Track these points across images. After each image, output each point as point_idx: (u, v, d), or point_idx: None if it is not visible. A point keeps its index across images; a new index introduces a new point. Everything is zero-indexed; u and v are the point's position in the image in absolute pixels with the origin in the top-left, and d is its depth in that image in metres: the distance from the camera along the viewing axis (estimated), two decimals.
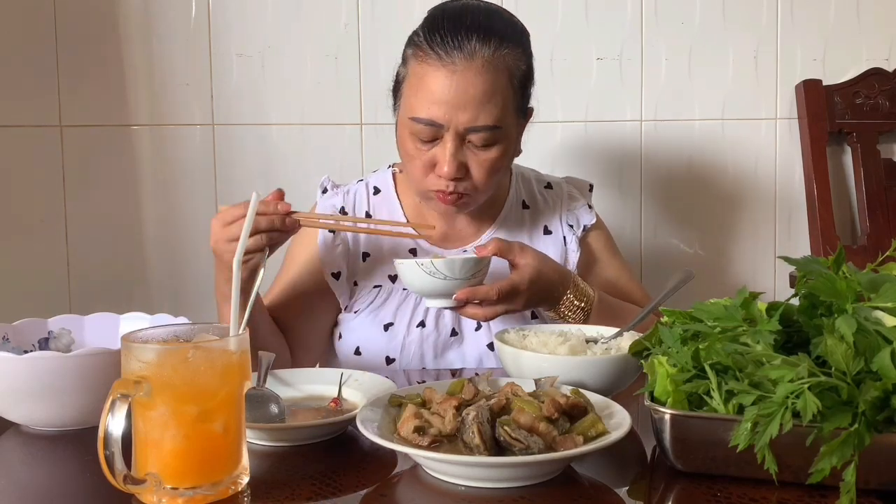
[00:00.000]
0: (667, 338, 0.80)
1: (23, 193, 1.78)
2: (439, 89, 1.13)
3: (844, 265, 0.78)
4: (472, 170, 1.18)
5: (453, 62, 1.13)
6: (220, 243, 1.09)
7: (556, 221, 1.36)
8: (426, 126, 1.15)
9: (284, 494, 0.72)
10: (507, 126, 1.18)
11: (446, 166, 1.15)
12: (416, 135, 1.16)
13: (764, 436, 0.66)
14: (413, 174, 1.21)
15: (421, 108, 1.14)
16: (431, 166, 1.18)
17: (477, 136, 1.15)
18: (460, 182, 1.18)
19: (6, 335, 1.01)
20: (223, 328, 0.75)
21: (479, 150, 1.17)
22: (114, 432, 0.65)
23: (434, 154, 1.17)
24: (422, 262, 1.07)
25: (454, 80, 1.12)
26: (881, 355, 0.67)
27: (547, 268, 1.15)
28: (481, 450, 0.72)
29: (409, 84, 1.18)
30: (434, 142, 1.16)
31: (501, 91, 1.15)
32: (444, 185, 1.18)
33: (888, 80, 1.78)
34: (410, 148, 1.18)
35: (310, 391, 0.97)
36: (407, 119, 1.17)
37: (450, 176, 1.16)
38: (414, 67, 1.17)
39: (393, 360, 1.26)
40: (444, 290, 1.09)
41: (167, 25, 1.76)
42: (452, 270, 1.07)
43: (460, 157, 1.16)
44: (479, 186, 1.19)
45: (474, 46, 1.13)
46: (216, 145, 1.80)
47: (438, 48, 1.13)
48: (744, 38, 1.81)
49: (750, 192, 1.85)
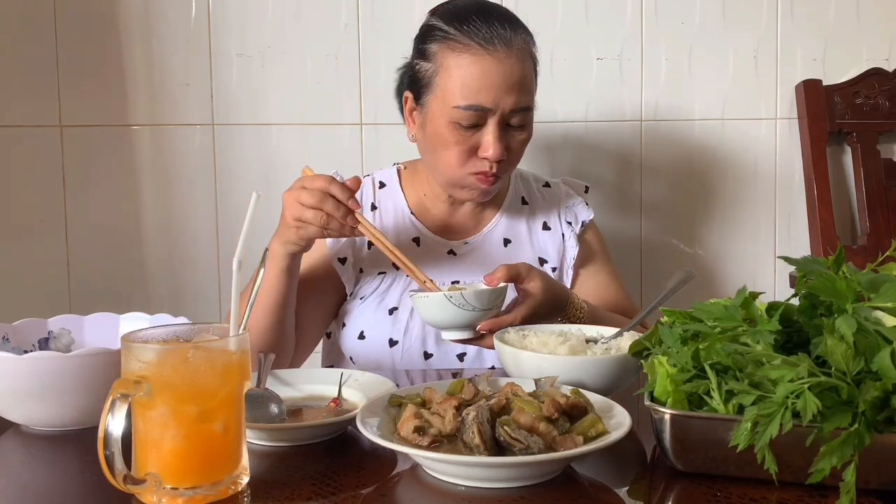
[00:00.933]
0: (667, 338, 0.80)
1: (23, 193, 1.78)
2: (486, 75, 1.19)
3: (844, 265, 0.78)
4: (511, 150, 1.25)
5: (496, 49, 1.20)
6: (290, 199, 1.14)
7: (555, 218, 1.40)
8: (473, 112, 1.20)
9: (284, 494, 0.72)
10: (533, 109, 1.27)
11: (492, 149, 1.21)
12: (458, 122, 1.21)
13: (764, 436, 0.66)
14: (448, 163, 1.25)
15: (467, 96, 1.20)
16: (473, 151, 1.23)
17: (517, 118, 1.23)
18: (501, 164, 1.24)
19: (6, 335, 1.01)
20: (223, 328, 0.75)
21: (515, 132, 1.24)
22: (114, 432, 0.65)
23: (477, 139, 1.22)
24: (450, 294, 1.08)
25: (500, 67, 1.19)
26: (881, 355, 0.67)
27: (551, 284, 1.19)
28: (481, 450, 0.72)
29: (446, 76, 1.22)
30: (476, 128, 1.21)
31: (531, 75, 1.25)
32: (487, 167, 1.23)
33: (888, 80, 1.78)
34: (449, 137, 1.22)
35: (310, 391, 0.97)
36: (449, 108, 1.21)
37: (497, 157, 1.21)
38: (449, 59, 1.21)
39: (396, 343, 1.27)
40: (468, 322, 1.10)
41: (167, 25, 1.76)
42: (481, 301, 1.09)
43: (504, 140, 1.22)
44: (513, 166, 1.30)
45: (509, 35, 1.21)
46: (216, 145, 1.80)
47: (478, 38, 1.20)
48: (744, 38, 1.81)
49: (750, 192, 1.85)
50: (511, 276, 1.14)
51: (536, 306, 1.14)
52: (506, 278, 1.13)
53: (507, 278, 1.14)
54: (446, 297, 1.08)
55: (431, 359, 1.28)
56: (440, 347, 1.28)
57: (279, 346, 1.21)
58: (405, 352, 1.27)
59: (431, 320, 1.13)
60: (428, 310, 1.11)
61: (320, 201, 1.10)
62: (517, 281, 1.15)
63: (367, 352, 1.28)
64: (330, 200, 1.11)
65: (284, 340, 1.24)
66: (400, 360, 1.27)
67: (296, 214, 1.12)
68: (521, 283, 1.15)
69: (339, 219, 1.11)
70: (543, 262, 1.36)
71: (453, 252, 1.35)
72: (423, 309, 1.12)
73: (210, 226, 1.81)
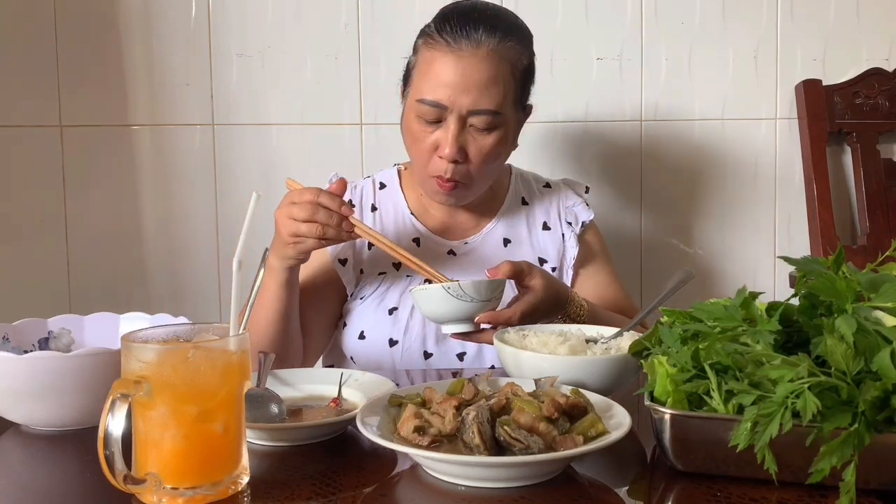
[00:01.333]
0: (667, 338, 0.80)
1: (23, 193, 1.78)
2: (445, 73, 1.20)
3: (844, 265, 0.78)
4: (471, 154, 1.22)
5: (460, 48, 1.20)
6: (282, 216, 1.13)
7: (555, 218, 1.40)
8: (431, 108, 1.20)
9: (284, 494, 0.72)
10: (506, 114, 1.23)
11: (448, 147, 1.20)
12: (421, 116, 1.22)
13: (764, 436, 0.66)
14: (417, 159, 1.26)
15: (427, 91, 1.21)
16: (434, 149, 1.23)
17: (478, 120, 1.21)
18: (459, 166, 1.22)
19: (6, 335, 1.01)
20: (223, 328, 0.75)
21: (478, 136, 1.22)
22: (114, 432, 0.65)
23: (437, 137, 1.22)
24: (447, 286, 1.09)
25: (459, 65, 1.19)
26: (881, 355, 0.67)
27: (552, 283, 1.18)
28: (481, 450, 0.72)
29: (418, 70, 1.24)
30: (437, 124, 1.22)
31: (503, 79, 1.21)
32: (443, 168, 1.22)
33: (888, 80, 1.78)
34: (416, 130, 1.23)
35: (310, 391, 0.97)
36: (414, 102, 1.23)
37: (451, 157, 1.21)
38: (423, 54, 1.24)
39: (396, 343, 1.27)
40: (467, 313, 1.10)
41: (167, 25, 1.76)
42: (479, 292, 1.09)
43: (461, 141, 1.21)
44: (475, 173, 1.25)
45: (480, 36, 1.20)
46: (216, 145, 1.80)
47: (447, 36, 1.20)
48: (743, 38, 1.80)
49: (750, 192, 1.85)
50: (514, 271, 1.14)
51: (536, 303, 1.14)
52: (508, 273, 1.13)
53: (510, 273, 1.14)
54: (444, 288, 1.08)
55: (431, 358, 1.28)
56: (440, 347, 1.28)
57: (286, 355, 1.22)
58: (405, 351, 1.27)
59: (431, 314, 1.13)
60: (427, 303, 1.12)
61: (312, 213, 1.10)
62: (519, 277, 1.15)
63: (367, 352, 1.28)
64: (322, 211, 1.10)
65: (291, 349, 1.24)
66: (400, 359, 1.27)
67: (291, 230, 1.12)
68: (522, 279, 1.15)
69: (334, 227, 1.11)
70: (543, 262, 1.36)
71: (453, 252, 1.35)
72: (422, 302, 1.13)
73: (210, 226, 1.81)
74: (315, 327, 1.32)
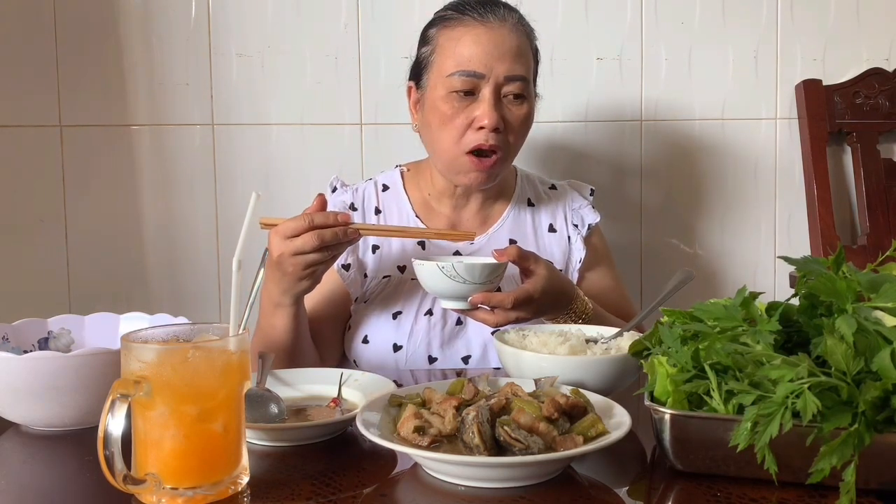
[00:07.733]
0: (667, 338, 0.80)
1: (23, 193, 1.78)
2: (478, 43, 1.22)
3: (844, 265, 0.78)
4: (508, 122, 1.24)
5: (489, 20, 1.24)
6: (285, 257, 1.07)
7: (561, 220, 1.40)
8: (467, 77, 1.22)
9: (284, 494, 0.72)
10: (531, 86, 1.28)
11: (487, 118, 1.21)
12: (454, 91, 1.23)
13: (764, 436, 0.66)
14: (448, 139, 1.25)
15: (461, 63, 1.23)
16: (468, 124, 1.23)
17: (513, 87, 1.23)
18: (499, 135, 1.23)
19: (6, 335, 1.01)
20: (223, 328, 0.75)
21: (512, 106, 1.25)
22: (114, 432, 0.65)
23: (472, 110, 1.23)
24: (442, 264, 1.09)
25: (492, 34, 1.23)
26: (881, 355, 0.67)
27: (557, 278, 1.18)
28: (481, 450, 0.72)
29: (441, 52, 1.26)
30: (471, 97, 1.23)
31: (528, 52, 1.27)
32: (483, 138, 1.23)
33: (888, 80, 1.78)
34: (447, 109, 1.24)
35: (310, 391, 0.97)
36: (444, 78, 1.23)
37: (491, 126, 1.22)
38: (445, 35, 1.26)
39: (400, 348, 1.27)
40: (460, 293, 1.11)
41: (167, 25, 1.76)
42: (472, 274, 1.09)
43: (499, 110, 1.23)
44: (512, 143, 1.27)
45: (503, 13, 1.25)
46: (216, 145, 1.79)
47: (472, 12, 1.24)
48: (743, 38, 1.81)
49: (750, 193, 1.85)
50: (520, 256, 1.14)
51: (533, 291, 1.13)
52: (514, 256, 1.13)
53: (515, 257, 1.13)
54: (438, 266, 1.09)
55: (436, 363, 1.27)
56: (444, 352, 1.27)
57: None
58: (409, 356, 1.27)
59: (426, 287, 1.14)
60: (422, 277, 1.13)
61: (320, 241, 1.05)
62: (524, 263, 1.15)
63: (370, 356, 1.28)
64: (325, 233, 1.06)
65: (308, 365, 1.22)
66: (404, 364, 1.27)
67: (301, 266, 1.07)
68: (527, 265, 1.15)
69: (342, 239, 1.08)
70: None
71: (459, 252, 1.34)
72: (419, 276, 1.14)
73: (210, 226, 1.81)
74: (332, 337, 1.32)
